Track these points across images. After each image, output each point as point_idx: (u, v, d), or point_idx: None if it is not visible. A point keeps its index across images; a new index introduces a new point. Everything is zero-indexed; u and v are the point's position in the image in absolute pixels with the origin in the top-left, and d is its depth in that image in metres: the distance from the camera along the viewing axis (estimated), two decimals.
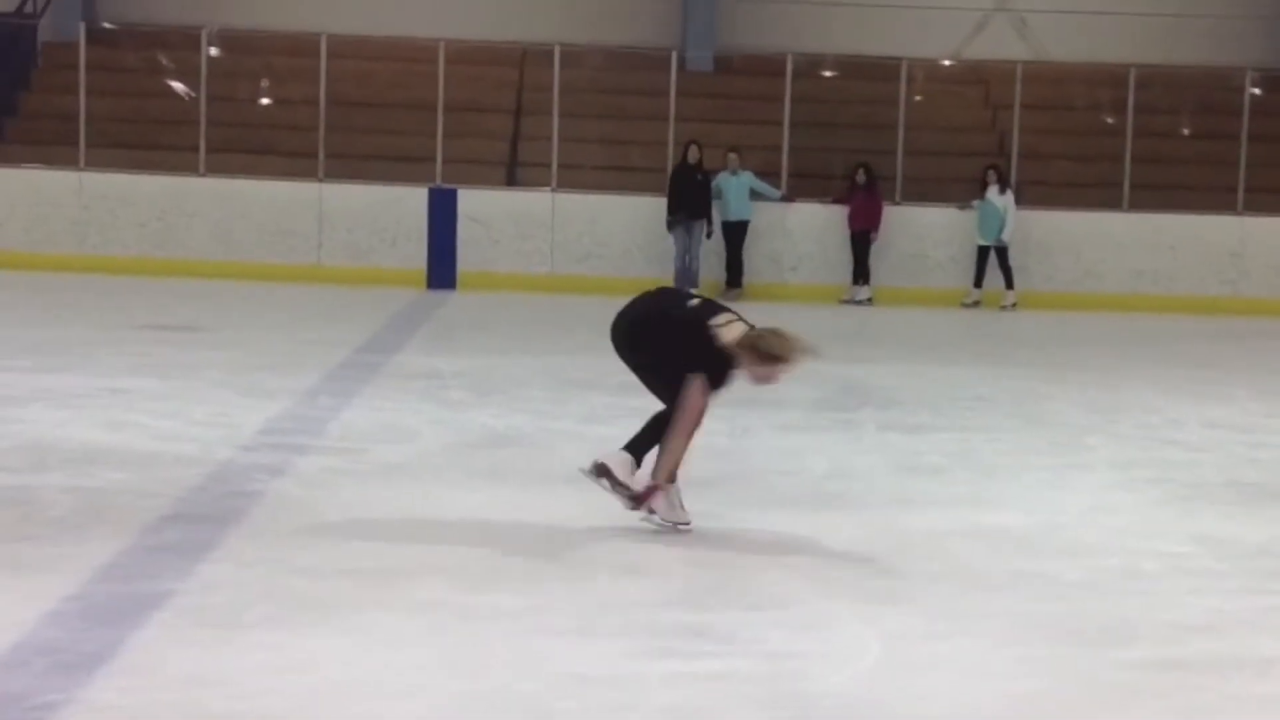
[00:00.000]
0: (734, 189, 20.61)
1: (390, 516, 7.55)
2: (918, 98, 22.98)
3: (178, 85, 22.35)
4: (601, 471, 7.43)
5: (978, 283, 20.70)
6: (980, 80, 23.91)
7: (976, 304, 20.64)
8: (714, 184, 20.50)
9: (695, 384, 7.20)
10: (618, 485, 7.40)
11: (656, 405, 7.62)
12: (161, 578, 6.26)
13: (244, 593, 6.11)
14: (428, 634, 5.72)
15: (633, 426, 10.32)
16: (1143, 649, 5.86)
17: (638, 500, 7.38)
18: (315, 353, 13.30)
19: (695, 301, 7.62)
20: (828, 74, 23.82)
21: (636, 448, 7.49)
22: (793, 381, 7.87)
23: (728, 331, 7.23)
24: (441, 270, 20.23)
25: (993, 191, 20.59)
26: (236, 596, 6.05)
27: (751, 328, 7.28)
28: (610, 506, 7.84)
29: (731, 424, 10.43)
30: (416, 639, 5.66)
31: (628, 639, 5.74)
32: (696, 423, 7.31)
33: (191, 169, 20.59)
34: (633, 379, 7.84)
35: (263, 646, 5.45)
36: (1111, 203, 21.56)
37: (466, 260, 20.35)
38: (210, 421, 9.85)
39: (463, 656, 5.49)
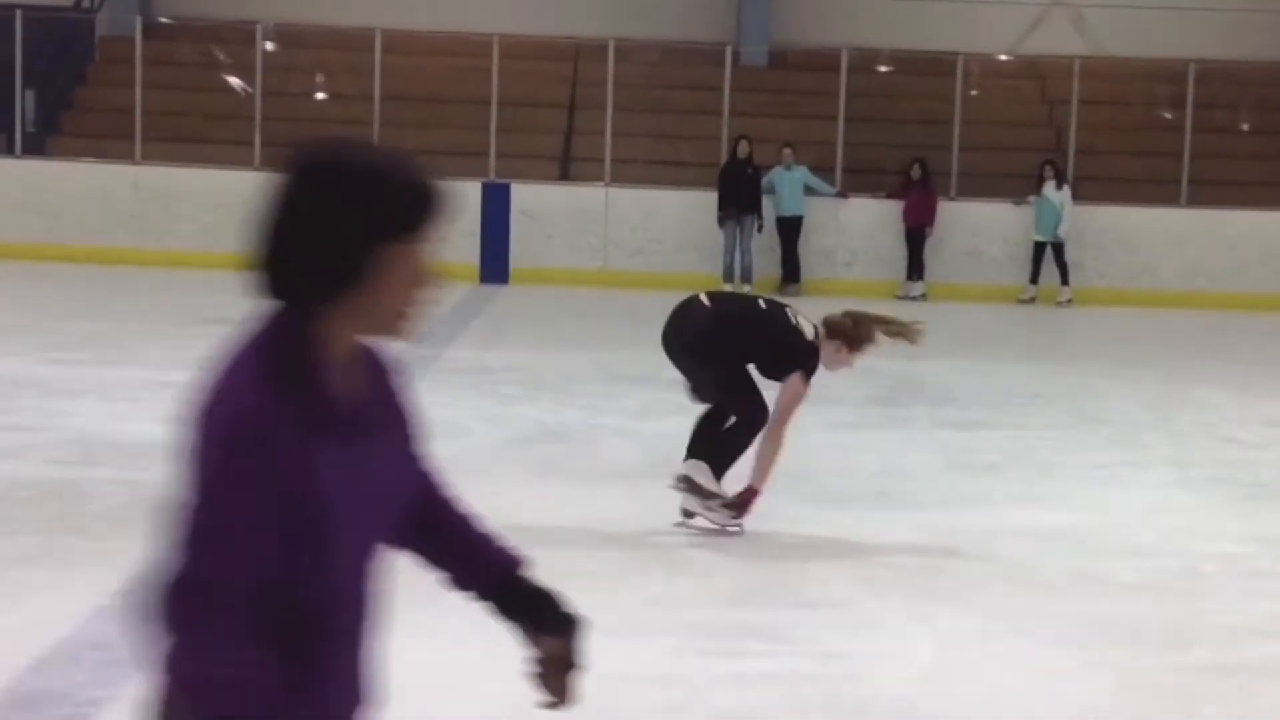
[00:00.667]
0: (788, 184, 20.51)
1: None
2: (974, 93, 22.79)
3: (233, 80, 22.42)
4: (687, 484, 7.32)
5: (1034, 279, 20.54)
6: (1037, 75, 23.72)
7: (1032, 300, 20.48)
8: (767, 179, 20.41)
9: (794, 380, 7.17)
10: (706, 495, 7.30)
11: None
12: None
13: None
14: (473, 634, 5.60)
15: (683, 421, 10.33)
16: (1201, 652, 5.78)
17: (737, 508, 7.28)
18: None
19: (761, 302, 7.73)
20: (883, 69, 23.68)
21: (705, 454, 7.39)
22: (845, 378, 7.83)
23: (809, 326, 7.29)
24: (494, 265, 20.21)
25: (1049, 187, 20.41)
26: None
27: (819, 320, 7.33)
28: (661, 503, 7.81)
29: None
30: (462, 639, 5.60)
31: (679, 638, 5.70)
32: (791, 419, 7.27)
33: (246, 163, 20.61)
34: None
35: None
36: (1169, 199, 21.34)
37: (519, 255, 20.33)
38: None
39: (509, 656, 5.44)
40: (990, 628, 5.98)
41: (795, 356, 7.18)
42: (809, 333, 7.26)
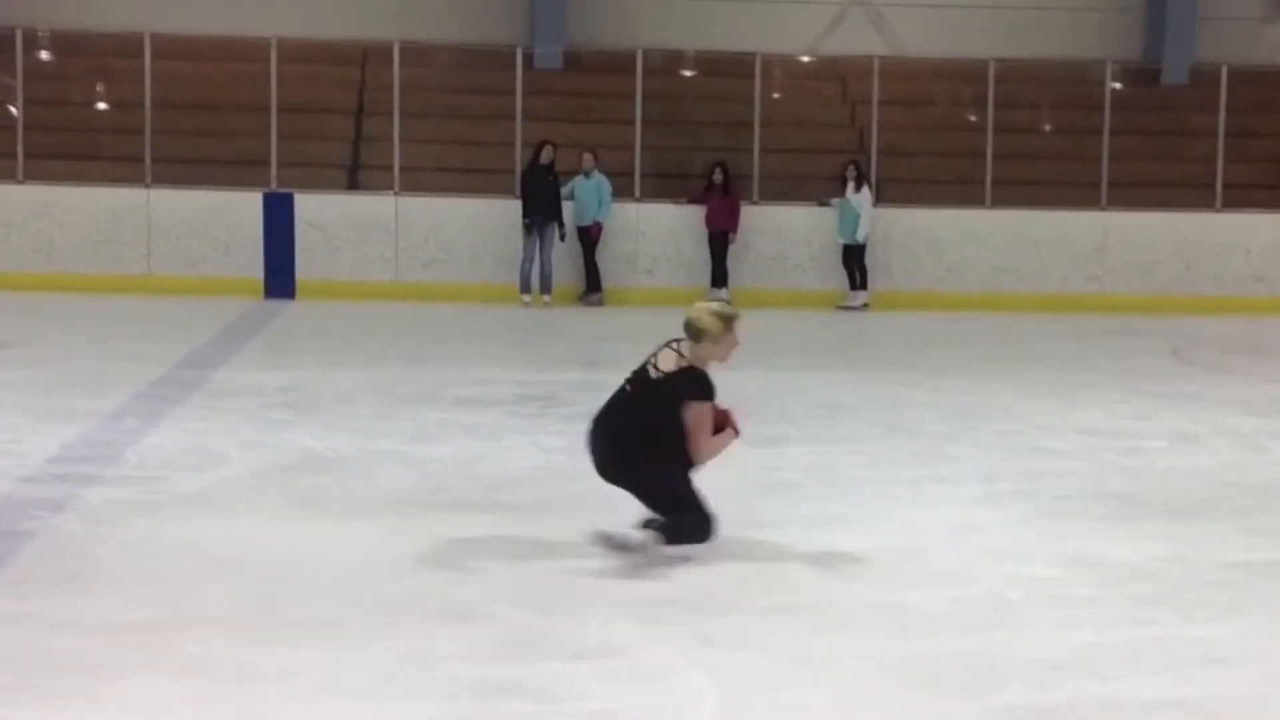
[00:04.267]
0: (588, 192, 19.89)
1: (177, 556, 6.74)
2: (775, 95, 22.44)
3: None
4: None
5: (851, 284, 20.22)
6: (838, 76, 23.40)
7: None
8: (568, 186, 19.78)
9: (693, 412, 6.93)
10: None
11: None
12: None
13: None
14: (197, 699, 4.99)
15: (464, 444, 9.66)
16: (1010, 694, 5.24)
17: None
18: (130, 370, 12.38)
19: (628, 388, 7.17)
20: (681, 71, 23.20)
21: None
22: None
23: (667, 359, 7.03)
24: (279, 279, 19.33)
25: (852, 189, 20.10)
26: None
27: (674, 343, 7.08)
28: (429, 538, 7.13)
29: (571, 440, 9.72)
30: (183, 706, 4.91)
31: (430, 701, 5.04)
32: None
33: (9, 177, 19.53)
34: (472, 392, 7.14)
35: None
36: (973, 199, 21.12)
37: (305, 268, 19.47)
38: None
39: None
40: (781, 674, 5.37)
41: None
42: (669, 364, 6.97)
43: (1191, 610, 6.34)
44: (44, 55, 21.39)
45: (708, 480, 8.14)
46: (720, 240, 20.13)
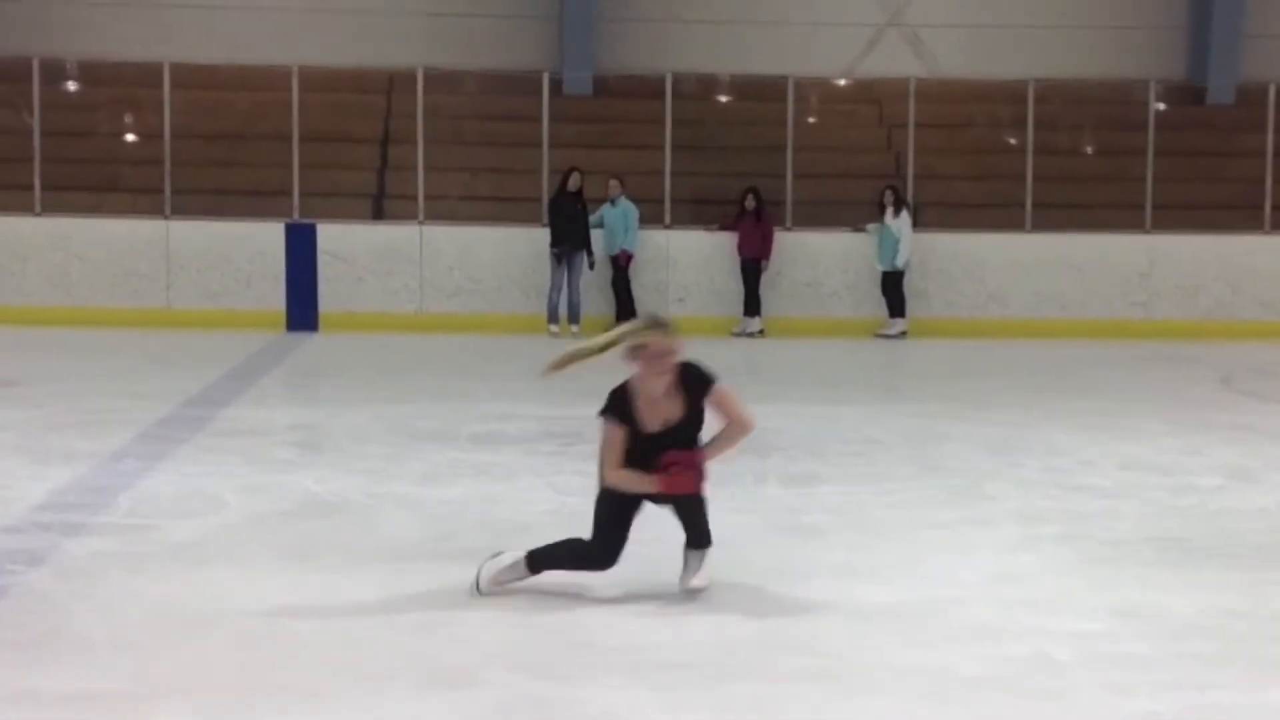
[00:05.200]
0: (615, 219, 19.45)
1: (154, 616, 6.26)
2: (811, 119, 21.97)
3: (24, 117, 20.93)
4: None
5: (890, 311, 19.71)
6: (873, 99, 22.89)
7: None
8: (596, 214, 19.33)
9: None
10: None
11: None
12: None
13: None
14: None
15: (476, 486, 9.19)
16: None
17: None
18: (139, 408, 11.94)
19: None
20: (712, 95, 22.74)
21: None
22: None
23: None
24: (301, 311, 18.93)
25: (889, 214, 19.59)
26: None
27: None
28: (429, 590, 6.66)
29: (588, 481, 9.23)
30: None
31: None
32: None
33: (26, 209, 19.20)
34: (488, 429, 6.69)
35: None
36: (1014, 223, 20.57)
37: (328, 300, 19.07)
38: None
39: None
40: None
41: None
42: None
43: (1254, 670, 5.79)
44: (62, 85, 21.10)
45: (732, 523, 7.66)
46: (753, 267, 19.65)
